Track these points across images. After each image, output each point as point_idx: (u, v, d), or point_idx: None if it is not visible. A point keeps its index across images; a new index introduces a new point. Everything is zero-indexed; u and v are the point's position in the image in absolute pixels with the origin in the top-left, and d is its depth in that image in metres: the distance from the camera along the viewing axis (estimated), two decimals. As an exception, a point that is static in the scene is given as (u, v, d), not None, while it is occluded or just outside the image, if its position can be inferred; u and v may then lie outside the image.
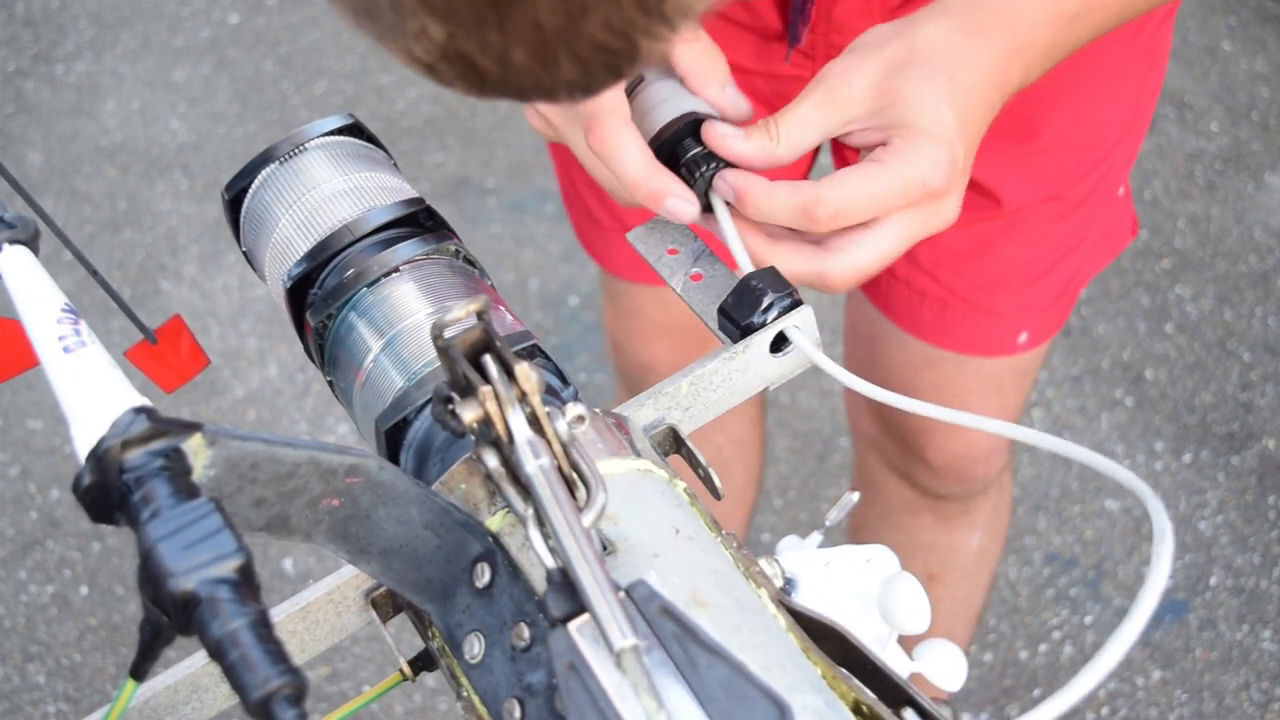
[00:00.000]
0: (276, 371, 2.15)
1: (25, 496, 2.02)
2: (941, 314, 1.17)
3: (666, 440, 0.65)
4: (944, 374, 1.22)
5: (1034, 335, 1.20)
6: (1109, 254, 1.21)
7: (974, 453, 1.31)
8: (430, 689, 1.82)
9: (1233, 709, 1.78)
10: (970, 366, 1.22)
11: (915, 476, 1.36)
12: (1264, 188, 2.35)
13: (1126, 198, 1.20)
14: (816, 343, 0.68)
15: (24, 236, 0.49)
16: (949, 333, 1.19)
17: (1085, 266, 1.18)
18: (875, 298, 1.22)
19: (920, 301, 1.17)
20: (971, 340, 1.19)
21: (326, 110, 2.55)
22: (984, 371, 1.22)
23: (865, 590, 0.64)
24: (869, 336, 1.27)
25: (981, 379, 1.23)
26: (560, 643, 0.44)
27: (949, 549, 1.44)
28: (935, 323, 1.18)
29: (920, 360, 1.22)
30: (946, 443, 1.29)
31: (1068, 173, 1.08)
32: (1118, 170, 1.13)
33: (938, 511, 1.40)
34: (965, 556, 1.46)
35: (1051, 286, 1.16)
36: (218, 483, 0.43)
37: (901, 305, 1.19)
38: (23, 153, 2.47)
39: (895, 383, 1.25)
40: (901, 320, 1.21)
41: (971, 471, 1.34)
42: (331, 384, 0.67)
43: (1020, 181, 1.07)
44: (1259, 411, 2.06)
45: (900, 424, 1.31)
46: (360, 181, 0.68)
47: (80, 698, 1.83)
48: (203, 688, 0.57)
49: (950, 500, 1.39)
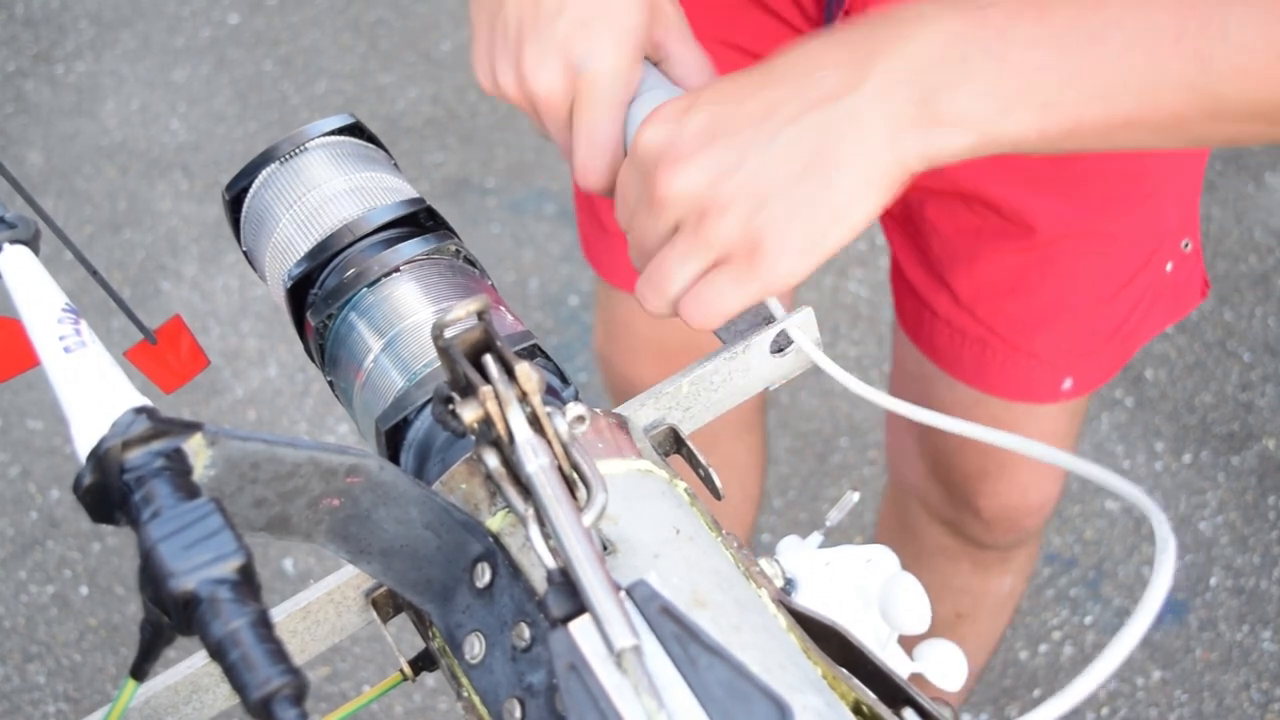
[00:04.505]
0: (276, 371, 2.15)
1: (25, 496, 2.02)
2: (982, 354, 1.14)
3: (667, 440, 0.65)
4: (992, 416, 1.17)
5: (1080, 383, 1.15)
6: (1174, 312, 1.15)
7: (1026, 503, 1.26)
8: (430, 689, 1.82)
9: (1233, 709, 1.78)
10: (1019, 410, 1.17)
11: (961, 525, 1.31)
12: (1264, 188, 2.35)
13: (1196, 255, 1.13)
14: (817, 342, 0.68)
15: (24, 236, 0.49)
16: (990, 376, 1.15)
17: (1141, 318, 1.13)
18: (918, 338, 1.19)
19: (961, 342, 1.14)
20: (1013, 384, 1.15)
21: (326, 110, 2.55)
22: (1034, 415, 1.18)
23: (865, 590, 0.64)
24: (917, 377, 1.23)
25: (1033, 422, 1.18)
26: (561, 643, 0.44)
27: (982, 592, 1.40)
28: (976, 364, 1.15)
29: (969, 401, 1.18)
30: (998, 491, 1.24)
31: (1108, 204, 1.04)
32: (1170, 214, 1.08)
33: (976, 559, 1.36)
34: (996, 599, 1.43)
35: (1098, 331, 1.11)
36: (218, 483, 0.43)
37: (943, 346, 1.16)
38: (23, 153, 2.47)
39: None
40: (943, 362, 1.17)
41: (1021, 523, 1.29)
42: (332, 384, 0.67)
43: (1054, 208, 1.03)
44: (1259, 411, 2.06)
45: (951, 470, 1.25)
46: (361, 181, 0.68)
47: (80, 698, 1.83)
48: (203, 688, 0.57)
49: (992, 550, 1.35)
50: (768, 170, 0.59)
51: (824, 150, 0.59)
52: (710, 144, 0.60)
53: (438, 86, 2.56)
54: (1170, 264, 1.11)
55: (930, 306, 1.14)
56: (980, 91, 0.58)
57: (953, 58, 0.58)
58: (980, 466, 1.22)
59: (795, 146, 0.59)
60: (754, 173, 0.59)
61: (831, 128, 0.59)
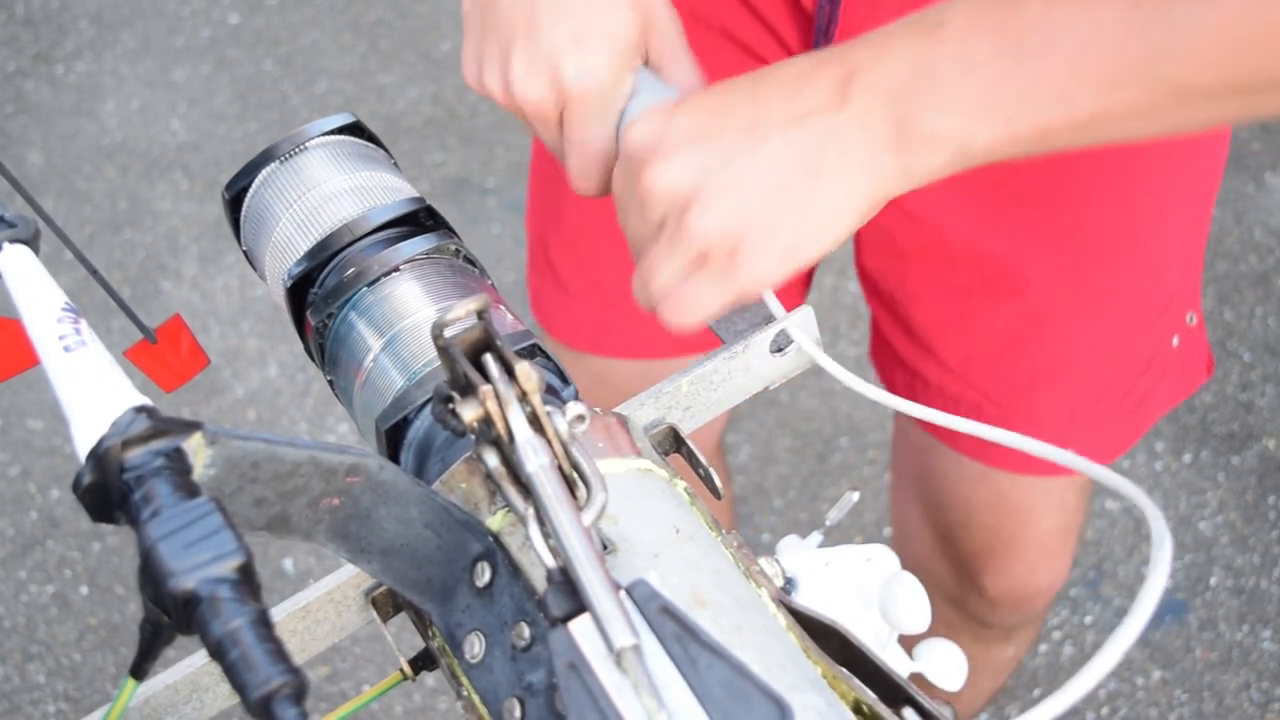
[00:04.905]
0: (276, 371, 2.15)
1: (25, 496, 2.02)
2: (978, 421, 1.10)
3: (666, 440, 0.65)
4: (999, 489, 1.14)
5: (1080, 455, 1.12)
6: (1181, 390, 1.12)
7: (1034, 583, 1.23)
8: (430, 689, 1.82)
9: (1233, 709, 1.78)
10: (1027, 483, 1.13)
11: (966, 603, 1.27)
12: (1264, 188, 2.34)
13: (1200, 330, 1.10)
14: (817, 342, 0.68)
15: (24, 236, 0.49)
16: (987, 445, 1.06)
17: (1148, 392, 1.09)
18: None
19: (955, 410, 1.06)
20: (1011, 454, 1.09)
21: (326, 110, 2.55)
22: (1044, 487, 1.15)
23: (865, 590, 0.64)
24: (921, 448, 1.20)
25: (1042, 495, 1.15)
26: (560, 642, 0.44)
27: (983, 659, 1.36)
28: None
29: (975, 475, 1.14)
30: (1005, 570, 1.21)
31: (1103, 257, 1.00)
32: (1170, 271, 1.04)
33: (979, 635, 1.32)
34: (996, 664, 1.40)
35: (1100, 398, 1.08)
36: (218, 482, 0.43)
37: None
38: (23, 153, 2.47)
39: (953, 499, 1.18)
40: (939, 432, 1.13)
41: (1028, 604, 1.26)
42: (332, 383, 0.67)
43: (1046, 261, 1.00)
44: (1259, 411, 2.06)
45: (957, 546, 1.22)
46: (360, 181, 0.68)
47: (80, 698, 1.83)
48: (203, 687, 0.57)
49: (996, 629, 1.31)
50: (752, 174, 0.60)
51: (809, 163, 0.60)
52: (697, 143, 0.61)
53: (438, 86, 2.56)
54: (1176, 338, 1.08)
55: (921, 376, 1.10)
56: (948, 110, 0.59)
57: (920, 78, 0.59)
58: (987, 544, 1.19)
59: (781, 156, 0.60)
60: (738, 174, 0.60)
61: (816, 142, 0.60)
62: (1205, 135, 0.99)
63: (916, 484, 1.23)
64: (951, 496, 1.18)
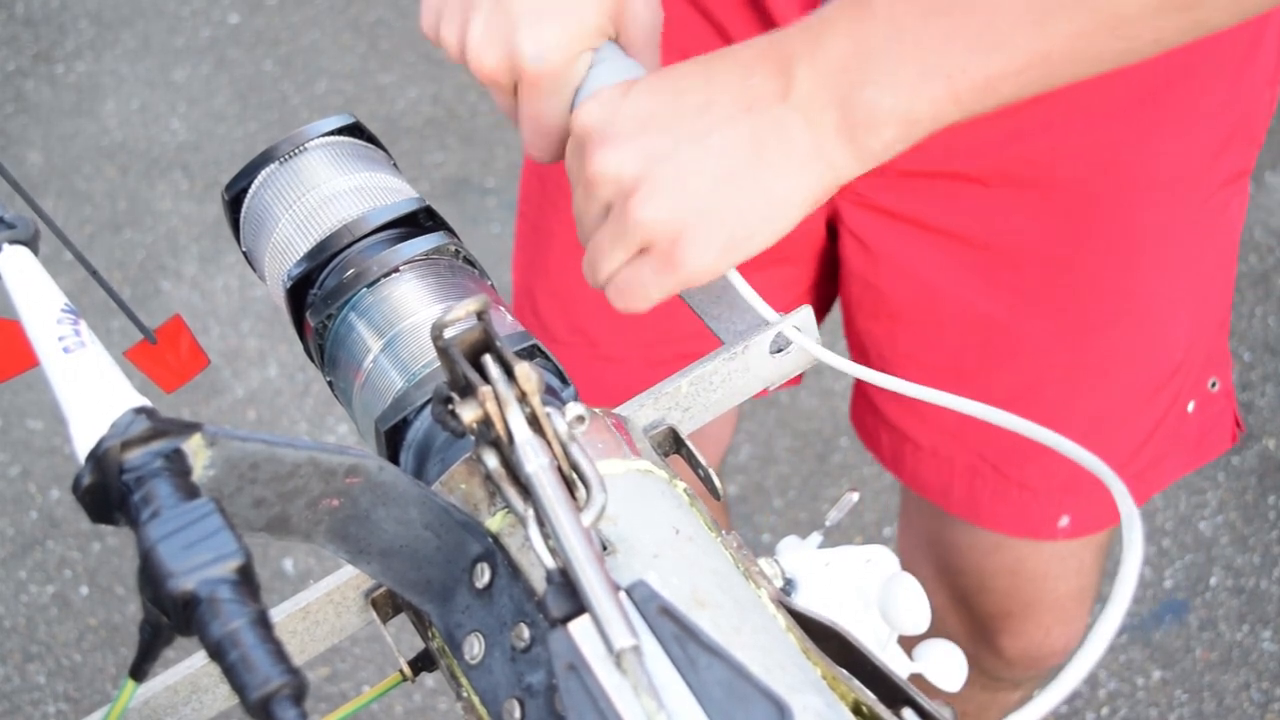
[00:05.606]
0: (276, 371, 2.15)
1: (25, 496, 2.02)
2: (972, 483, 1.07)
3: (666, 440, 0.65)
4: (1016, 556, 1.12)
5: (1077, 521, 1.07)
6: (1197, 457, 1.08)
7: (1050, 644, 1.20)
8: (430, 689, 1.82)
9: (1233, 709, 1.78)
10: (1044, 549, 1.11)
11: (979, 660, 1.24)
12: (1264, 188, 2.34)
13: (1226, 397, 1.06)
14: (816, 341, 0.68)
15: (24, 236, 0.49)
16: (982, 508, 1.08)
17: (1156, 458, 1.05)
18: (901, 473, 1.12)
19: (950, 471, 1.07)
20: (1006, 517, 1.08)
21: (326, 110, 2.55)
22: (1061, 552, 1.12)
23: (865, 590, 0.64)
24: (932, 514, 1.17)
25: (1058, 561, 1.12)
26: (560, 643, 0.44)
27: (990, 703, 1.35)
28: (967, 497, 1.08)
29: (989, 544, 1.12)
30: (1022, 631, 1.19)
31: (1102, 324, 0.98)
32: (1176, 341, 1.01)
33: (990, 687, 1.30)
34: (1004, 705, 1.38)
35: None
36: (218, 483, 0.43)
37: (930, 479, 1.10)
38: (23, 153, 2.47)
39: (968, 569, 1.17)
40: (934, 496, 1.11)
41: (1044, 663, 1.24)
42: (331, 384, 0.67)
43: (1040, 326, 0.98)
44: (1259, 411, 2.06)
45: (972, 607, 1.20)
46: (360, 181, 0.68)
47: (80, 698, 1.83)
48: (202, 688, 0.57)
49: (1007, 681, 1.30)
50: (698, 163, 0.60)
51: (754, 155, 0.60)
52: (644, 129, 0.61)
53: (438, 86, 2.56)
54: (1193, 403, 1.05)
55: (911, 440, 1.09)
56: (887, 84, 0.59)
57: (857, 56, 0.59)
58: (1003, 607, 1.17)
59: (727, 147, 0.60)
60: (684, 163, 0.60)
61: (762, 134, 0.60)
62: (1212, 199, 0.97)
63: (928, 549, 1.21)
64: (965, 564, 1.16)
